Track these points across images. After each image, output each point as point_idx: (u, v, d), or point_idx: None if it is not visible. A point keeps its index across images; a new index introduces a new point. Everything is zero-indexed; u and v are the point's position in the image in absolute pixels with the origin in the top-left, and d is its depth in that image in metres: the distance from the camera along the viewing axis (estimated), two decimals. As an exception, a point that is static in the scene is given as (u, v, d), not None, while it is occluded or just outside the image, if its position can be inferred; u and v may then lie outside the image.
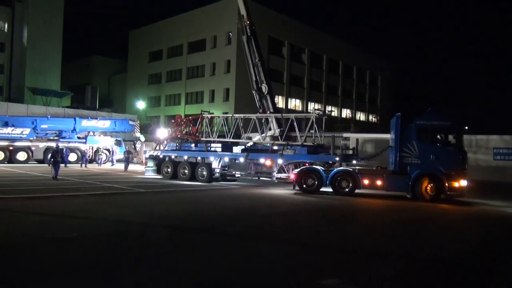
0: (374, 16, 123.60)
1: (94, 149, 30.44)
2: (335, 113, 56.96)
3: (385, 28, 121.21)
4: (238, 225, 9.10)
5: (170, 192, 15.00)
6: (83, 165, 27.54)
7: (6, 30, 54.63)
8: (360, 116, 63.45)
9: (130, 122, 33.13)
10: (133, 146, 32.07)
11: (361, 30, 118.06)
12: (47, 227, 8.13)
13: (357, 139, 18.22)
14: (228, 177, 18.83)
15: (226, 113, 33.65)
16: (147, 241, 7.34)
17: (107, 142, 31.39)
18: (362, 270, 6.05)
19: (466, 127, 14.72)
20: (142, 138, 32.93)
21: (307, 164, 16.51)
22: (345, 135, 26.24)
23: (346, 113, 60.70)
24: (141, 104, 51.86)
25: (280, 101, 48.08)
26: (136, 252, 6.51)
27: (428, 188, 14.33)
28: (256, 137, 18.95)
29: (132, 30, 60.69)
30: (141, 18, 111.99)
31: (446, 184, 13.93)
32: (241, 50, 25.46)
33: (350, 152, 17.78)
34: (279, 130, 18.22)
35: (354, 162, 16.88)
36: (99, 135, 32.09)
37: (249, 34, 19.50)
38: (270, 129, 18.58)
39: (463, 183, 14.07)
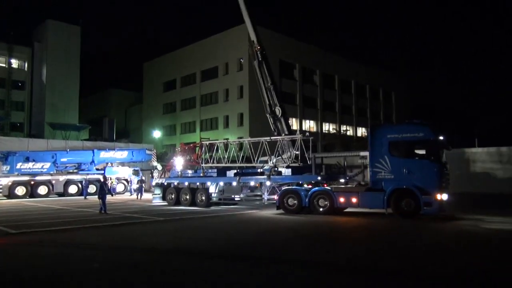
0: (385, 32, 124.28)
1: (112, 179, 30.80)
2: (350, 132, 56.62)
3: (396, 44, 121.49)
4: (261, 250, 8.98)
5: (186, 219, 14.91)
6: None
7: (26, 69, 56.82)
8: (376, 134, 62.79)
9: (147, 152, 33.48)
10: (150, 175, 32.34)
11: (372, 48, 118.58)
12: (68, 259, 8.14)
13: (345, 157, 17.76)
14: (227, 201, 18.99)
15: (230, 139, 33.80)
16: (177, 270, 7.25)
17: (125, 172, 31.73)
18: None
19: (441, 137, 13.80)
20: (159, 167, 33.20)
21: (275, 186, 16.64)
22: (362, 153, 25.88)
23: (361, 131, 60.29)
24: (157, 134, 52.63)
25: (294, 123, 48.14)
26: (167, 279, 6.44)
27: (403, 204, 13.65)
28: (273, 160, 18.90)
29: (146, 62, 62.31)
30: (154, 50, 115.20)
31: (422, 199, 13.24)
32: (253, 75, 25.79)
33: (337, 170, 17.57)
34: (295, 152, 18.09)
35: (342, 180, 16.47)
36: (117, 166, 32.51)
37: (260, 59, 19.75)
38: (286, 152, 18.49)
39: (441, 197, 13.31)
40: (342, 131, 53.66)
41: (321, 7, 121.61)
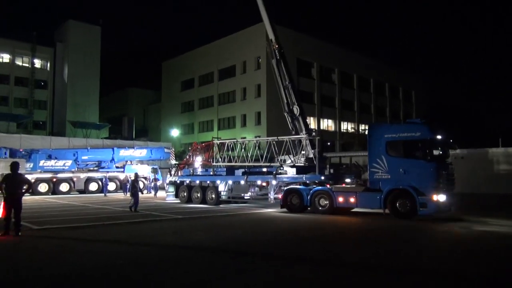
0: (406, 31, 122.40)
1: (132, 177, 31.22)
2: (369, 131, 55.93)
3: (417, 42, 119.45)
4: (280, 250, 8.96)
5: (203, 218, 14.96)
6: (124, 193, 28.21)
7: (48, 68, 58.16)
8: (395, 133, 61.85)
9: (166, 150, 33.82)
10: (169, 173, 32.69)
11: (391, 46, 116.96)
12: (91, 255, 8.28)
13: (351, 158, 17.73)
14: (236, 199, 19.29)
15: (247, 137, 33.83)
16: (200, 267, 7.29)
17: (144, 170, 32.15)
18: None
19: (439, 137, 13.45)
20: (178, 165, 33.50)
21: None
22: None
23: (380, 131, 59.43)
24: (175, 132, 53.10)
25: (312, 122, 47.88)
26: (189, 279, 6.48)
27: (398, 204, 13.49)
28: (289, 160, 18.91)
29: (165, 61, 62.92)
30: (173, 49, 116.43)
31: (418, 200, 12.99)
32: (270, 74, 25.80)
33: (342, 170, 17.67)
34: (313, 151, 18.01)
35: (348, 180, 16.22)
36: (136, 164, 32.95)
37: (278, 57, 19.67)
38: (304, 150, 18.41)
39: (437, 198, 12.89)
40: (360, 130, 53.10)
41: (338, 5, 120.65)
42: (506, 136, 27.09)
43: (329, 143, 50.28)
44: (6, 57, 55.29)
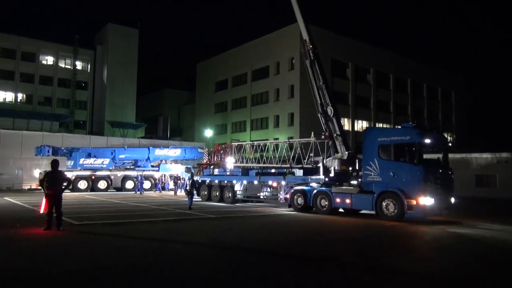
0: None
1: (167, 176, 31.92)
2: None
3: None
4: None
5: (234, 218, 15.06)
6: (156, 191, 28.91)
7: (89, 70, 60.45)
8: (433, 136, 59.74)
9: (199, 150, 34.34)
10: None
11: (431, 45, 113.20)
12: (127, 251, 8.50)
13: (357, 159, 17.37)
14: (251, 198, 20.16)
15: (280, 138, 33.68)
16: (227, 267, 7.34)
17: (178, 169, 32.77)
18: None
19: (428, 141, 13.87)
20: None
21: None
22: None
23: (417, 132, 57.60)
24: (208, 132, 53.75)
25: (346, 123, 47.13)
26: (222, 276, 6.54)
27: (388, 207, 13.93)
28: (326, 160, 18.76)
29: (199, 63, 63.84)
30: (207, 51, 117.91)
31: (405, 203, 13.39)
32: (304, 75, 25.64)
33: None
34: (347, 153, 17.73)
35: (354, 182, 16.02)
36: (171, 163, 33.61)
37: (312, 58, 19.45)
38: (337, 152, 18.17)
39: (425, 202, 13.17)
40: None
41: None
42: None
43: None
44: (50, 60, 57.94)
